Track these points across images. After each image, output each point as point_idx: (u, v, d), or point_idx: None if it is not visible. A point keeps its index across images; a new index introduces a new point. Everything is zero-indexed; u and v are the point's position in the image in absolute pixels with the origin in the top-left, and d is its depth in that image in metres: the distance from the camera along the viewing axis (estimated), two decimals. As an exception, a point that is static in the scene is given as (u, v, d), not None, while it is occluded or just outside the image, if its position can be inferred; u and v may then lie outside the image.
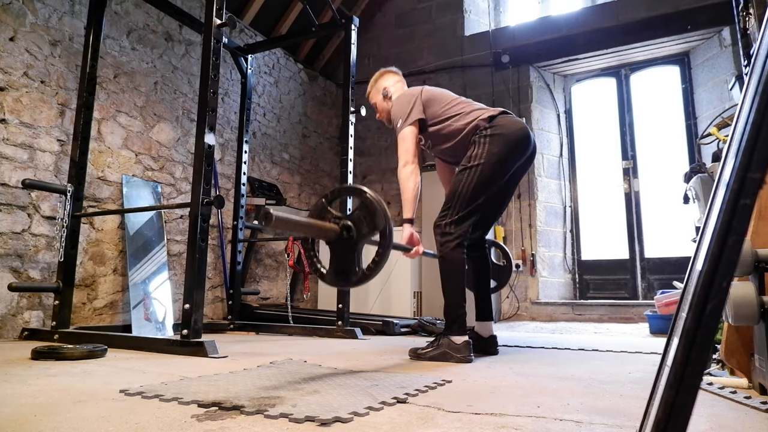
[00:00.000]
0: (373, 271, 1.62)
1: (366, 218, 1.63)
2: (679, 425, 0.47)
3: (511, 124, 2.18)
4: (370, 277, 1.63)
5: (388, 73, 2.54)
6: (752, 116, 0.49)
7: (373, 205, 1.62)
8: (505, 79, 5.03)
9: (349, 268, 1.64)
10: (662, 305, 3.32)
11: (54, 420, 1.05)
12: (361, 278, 1.63)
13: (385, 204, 1.65)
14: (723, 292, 0.48)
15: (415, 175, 2.18)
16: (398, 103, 2.32)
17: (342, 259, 1.66)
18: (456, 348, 2.04)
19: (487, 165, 2.12)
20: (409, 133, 2.22)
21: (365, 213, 1.63)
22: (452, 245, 2.12)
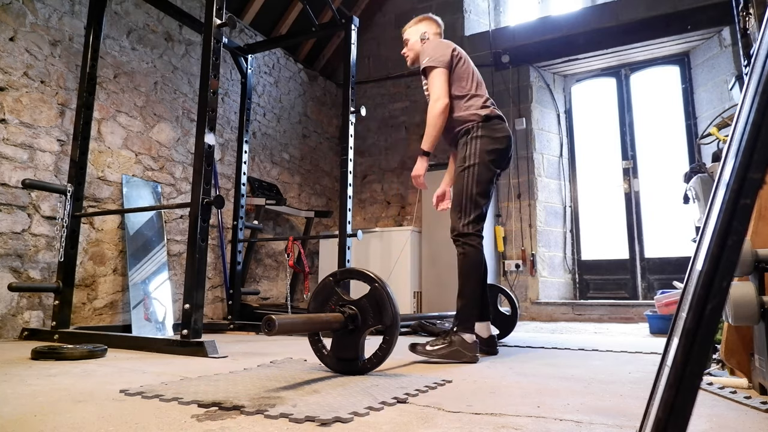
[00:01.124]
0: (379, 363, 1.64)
1: (373, 308, 1.63)
2: (679, 425, 0.47)
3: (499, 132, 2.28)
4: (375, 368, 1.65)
5: (433, 22, 2.57)
6: (752, 116, 0.49)
7: (382, 298, 1.62)
8: (505, 79, 5.03)
9: (351, 357, 1.66)
10: (662, 305, 3.32)
11: (54, 420, 1.05)
12: (363, 367, 1.65)
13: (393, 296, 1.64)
14: (723, 292, 0.48)
15: (446, 113, 2.26)
16: (436, 45, 2.36)
17: (344, 347, 1.66)
18: (469, 347, 2.05)
19: (482, 163, 2.21)
20: (442, 73, 2.28)
21: (373, 303, 1.63)
22: (473, 244, 2.18)
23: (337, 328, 1.63)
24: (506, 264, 4.76)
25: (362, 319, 1.64)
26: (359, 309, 1.65)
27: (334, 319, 1.61)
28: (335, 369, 1.69)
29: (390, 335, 1.63)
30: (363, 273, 1.70)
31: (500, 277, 4.75)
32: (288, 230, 4.94)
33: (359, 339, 1.65)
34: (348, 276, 1.73)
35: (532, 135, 4.90)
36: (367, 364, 1.64)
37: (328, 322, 1.59)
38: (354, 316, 1.64)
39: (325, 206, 5.51)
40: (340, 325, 1.62)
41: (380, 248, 4.39)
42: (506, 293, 2.82)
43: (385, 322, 1.61)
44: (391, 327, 1.62)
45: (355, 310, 1.65)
